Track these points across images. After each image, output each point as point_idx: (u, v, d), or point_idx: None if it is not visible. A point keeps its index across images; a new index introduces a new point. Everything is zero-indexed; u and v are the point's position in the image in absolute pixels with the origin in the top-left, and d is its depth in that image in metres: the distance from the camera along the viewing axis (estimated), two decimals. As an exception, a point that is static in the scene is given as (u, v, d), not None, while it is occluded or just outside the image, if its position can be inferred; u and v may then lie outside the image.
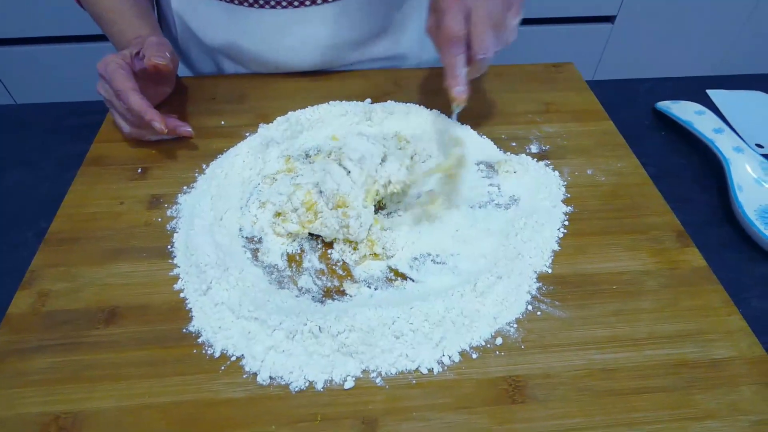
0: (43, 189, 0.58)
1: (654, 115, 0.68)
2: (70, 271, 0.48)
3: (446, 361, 0.41)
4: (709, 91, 0.70)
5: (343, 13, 0.65)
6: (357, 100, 0.63)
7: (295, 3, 0.63)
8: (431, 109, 0.62)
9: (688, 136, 0.63)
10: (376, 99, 0.64)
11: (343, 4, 0.65)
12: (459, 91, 0.49)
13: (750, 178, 0.56)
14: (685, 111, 0.64)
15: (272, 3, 0.63)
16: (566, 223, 0.51)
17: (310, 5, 0.64)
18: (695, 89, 0.71)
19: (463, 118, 0.61)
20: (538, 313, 0.44)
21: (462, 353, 0.42)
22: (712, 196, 0.58)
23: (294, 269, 0.47)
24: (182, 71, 0.83)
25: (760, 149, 0.62)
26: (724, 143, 0.58)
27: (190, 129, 0.58)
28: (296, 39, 0.66)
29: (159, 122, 0.53)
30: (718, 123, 0.61)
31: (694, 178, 0.60)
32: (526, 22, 1.51)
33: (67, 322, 0.44)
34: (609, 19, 1.46)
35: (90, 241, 0.50)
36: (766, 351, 0.42)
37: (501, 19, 0.48)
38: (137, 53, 0.57)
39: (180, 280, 0.47)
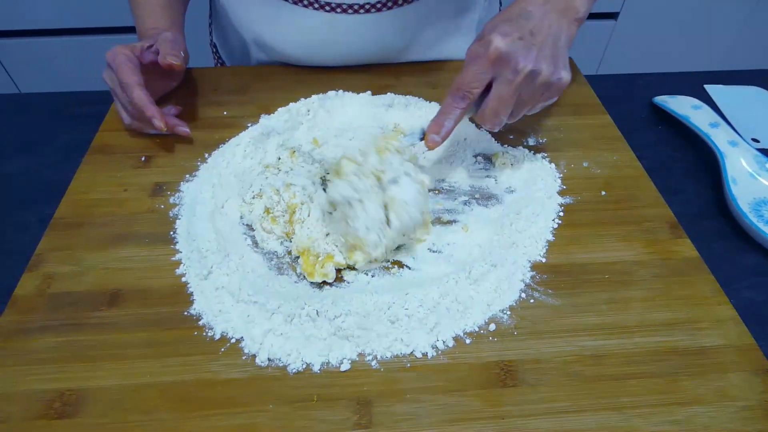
0: (47, 175, 0.59)
1: (651, 109, 0.68)
2: (75, 254, 0.49)
3: (440, 345, 0.42)
4: (707, 87, 0.70)
5: (395, 21, 0.66)
6: (356, 92, 0.64)
7: (358, 8, 0.63)
8: (430, 102, 0.62)
9: (685, 130, 0.63)
10: (377, 92, 0.64)
11: (397, 12, 0.65)
12: (432, 140, 0.47)
13: (744, 172, 0.56)
14: (682, 105, 0.64)
15: (330, 5, 0.63)
16: (561, 214, 0.52)
17: (363, 13, 0.64)
18: (693, 84, 0.72)
19: (461, 111, 0.62)
20: (531, 300, 0.45)
21: (456, 338, 0.43)
22: (706, 189, 0.59)
23: (293, 256, 0.48)
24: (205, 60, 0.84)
25: (756, 144, 0.63)
26: (719, 137, 0.59)
27: (188, 130, 0.59)
28: (346, 43, 0.67)
29: (159, 120, 0.55)
30: (715, 117, 0.61)
31: (688, 171, 0.60)
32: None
33: (71, 304, 0.45)
34: (612, 15, 1.46)
35: (94, 227, 0.51)
36: (756, 340, 0.43)
37: (529, 101, 0.46)
38: (149, 46, 0.58)
39: (182, 265, 0.48)
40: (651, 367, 0.41)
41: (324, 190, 0.49)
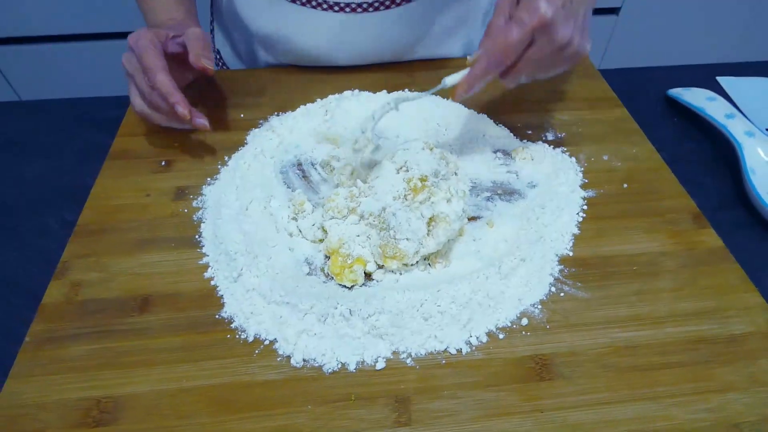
0: (65, 180, 0.59)
1: (666, 102, 0.69)
2: (101, 261, 0.49)
3: (474, 341, 0.42)
4: (719, 78, 0.71)
5: (403, 19, 0.66)
6: (372, 92, 0.64)
7: (367, 6, 0.63)
8: (447, 99, 0.63)
9: (700, 122, 0.64)
10: (392, 90, 0.64)
11: (405, 8, 0.65)
12: (459, 95, 0.48)
13: (762, 162, 0.57)
14: (696, 98, 0.65)
15: (339, 5, 0.63)
16: (585, 207, 0.52)
17: (372, 11, 0.64)
18: (705, 77, 0.72)
19: (478, 108, 0.62)
20: (561, 294, 0.46)
21: (489, 334, 0.43)
22: (725, 180, 0.59)
23: (322, 259, 0.48)
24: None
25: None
26: (736, 128, 0.59)
27: (206, 122, 0.56)
28: (357, 42, 0.66)
29: (183, 107, 0.53)
30: (730, 108, 0.62)
31: (706, 162, 0.61)
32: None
33: (101, 311, 0.45)
34: (614, 11, 1.47)
35: (119, 232, 0.51)
36: (783, 326, 0.43)
37: (552, 67, 0.47)
38: (174, 36, 0.56)
39: (210, 268, 0.48)
40: (683, 357, 0.42)
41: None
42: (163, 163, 0.58)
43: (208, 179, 0.56)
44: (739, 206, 0.56)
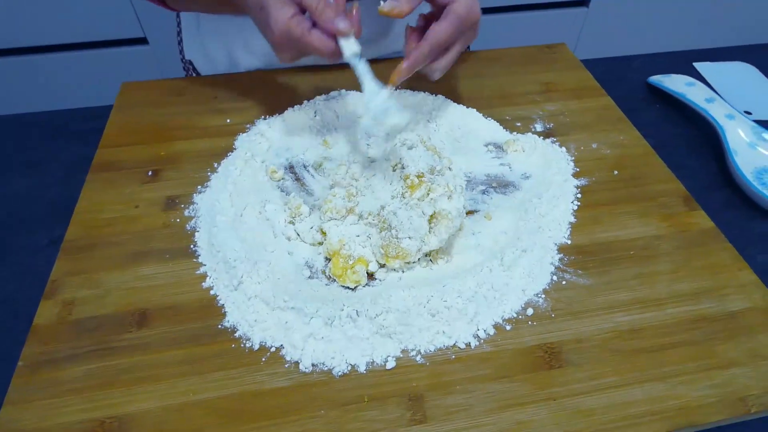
0: (52, 194, 0.57)
1: (647, 89, 0.70)
2: (93, 277, 0.47)
3: (482, 334, 0.42)
4: (696, 64, 0.73)
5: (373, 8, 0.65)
6: (358, 91, 0.64)
7: None
8: (435, 95, 0.63)
9: (682, 107, 0.65)
10: (379, 88, 0.64)
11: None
12: (397, 80, 0.51)
13: (744, 143, 0.58)
14: (676, 84, 0.66)
15: None
16: (579, 195, 0.53)
17: None
18: (682, 63, 0.74)
19: (467, 101, 0.62)
20: (563, 282, 0.46)
21: (496, 326, 0.43)
22: (709, 162, 0.61)
23: (323, 261, 0.48)
24: (181, 70, 0.82)
25: (749, 116, 0.65)
26: (717, 111, 0.61)
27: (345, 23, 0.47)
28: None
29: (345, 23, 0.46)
30: (709, 93, 0.64)
31: (690, 146, 0.62)
32: (499, 9, 1.53)
33: (97, 329, 0.44)
34: (584, 2, 1.49)
35: (109, 247, 0.50)
36: (778, 301, 0.45)
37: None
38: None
39: (208, 277, 0.47)
40: (686, 336, 0.43)
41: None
42: (149, 173, 0.56)
43: (199, 187, 0.55)
44: (724, 187, 0.57)
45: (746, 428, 0.39)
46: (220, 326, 0.44)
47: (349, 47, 0.48)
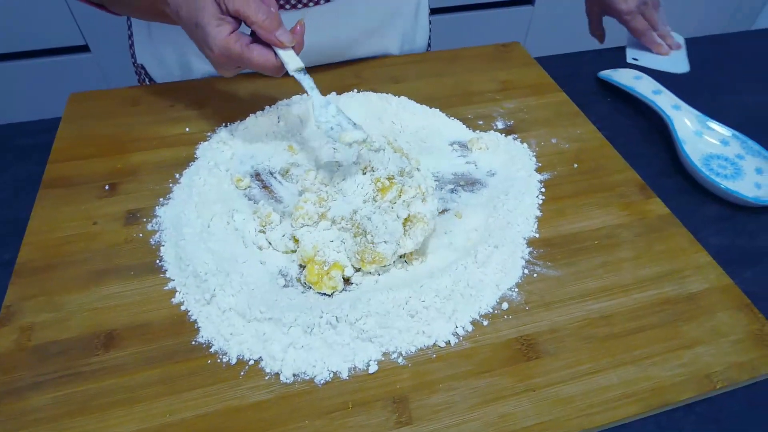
0: (-2, 216, 0.54)
1: (597, 83, 0.73)
2: (52, 300, 0.45)
3: (460, 331, 0.43)
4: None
5: (338, 14, 0.65)
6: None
7: (295, 3, 0.62)
8: (399, 96, 0.63)
9: (631, 99, 0.68)
10: (342, 91, 0.64)
11: (336, 4, 0.65)
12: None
13: (690, 131, 0.62)
14: (625, 77, 0.69)
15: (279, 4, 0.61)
16: (543, 190, 0.55)
17: (319, 2, 0.63)
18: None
19: (429, 102, 0.63)
20: (535, 275, 0.47)
21: (473, 322, 0.44)
22: (660, 151, 0.63)
23: (297, 269, 0.47)
24: (128, 77, 0.79)
25: (636, 62, 0.75)
26: (664, 102, 0.64)
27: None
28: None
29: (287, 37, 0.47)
30: (656, 85, 0.67)
31: (642, 136, 0.65)
32: (446, 10, 1.55)
33: (60, 353, 0.42)
34: (529, 1, 1.54)
35: (68, 266, 0.47)
36: (732, 279, 0.47)
37: None
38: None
39: (177, 292, 0.45)
40: (652, 319, 0.45)
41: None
42: (107, 187, 0.54)
43: (160, 199, 0.53)
44: (675, 174, 0.60)
45: (712, 405, 0.41)
46: (193, 342, 0.42)
47: (293, 62, 0.48)
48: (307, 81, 0.49)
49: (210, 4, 0.45)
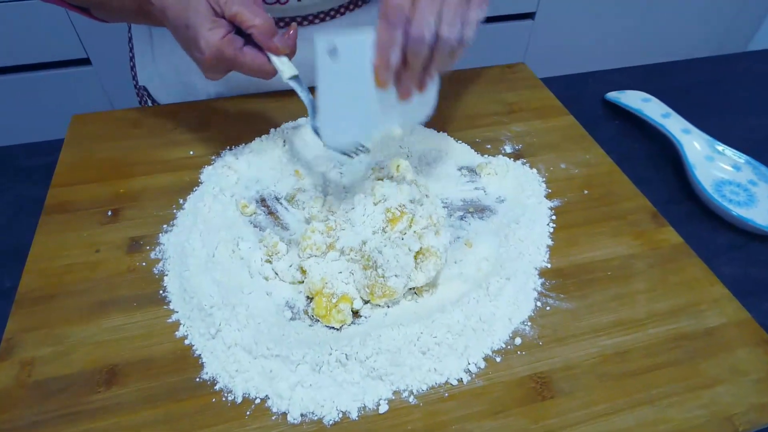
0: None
1: (604, 105, 0.72)
2: (54, 332, 0.44)
3: (473, 368, 0.42)
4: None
5: (350, 26, 0.65)
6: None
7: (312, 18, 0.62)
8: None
9: (639, 122, 0.68)
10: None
11: (349, 17, 0.65)
12: (385, 77, 0.41)
13: (701, 156, 0.61)
14: (633, 100, 0.69)
15: (285, 20, 0.62)
16: (553, 217, 0.54)
17: (318, 22, 0.63)
18: (636, 78, 0.77)
19: (437, 126, 0.62)
20: (547, 308, 0.46)
21: (486, 358, 0.43)
22: (669, 176, 0.63)
23: (305, 301, 0.46)
24: (130, 91, 0.78)
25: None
26: (673, 126, 0.64)
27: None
28: (307, 58, 0.62)
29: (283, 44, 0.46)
30: (665, 108, 0.66)
31: (650, 160, 0.65)
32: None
33: (61, 391, 0.40)
34: (530, 15, 1.54)
35: (70, 297, 0.46)
36: (748, 312, 0.46)
37: (455, 10, 0.40)
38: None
39: (181, 325, 0.44)
40: (669, 356, 0.43)
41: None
42: (109, 213, 0.53)
43: (164, 226, 0.52)
44: (686, 199, 0.60)
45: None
46: (198, 379, 0.41)
47: (288, 70, 0.47)
48: (301, 88, 0.48)
49: (203, 5, 0.45)
